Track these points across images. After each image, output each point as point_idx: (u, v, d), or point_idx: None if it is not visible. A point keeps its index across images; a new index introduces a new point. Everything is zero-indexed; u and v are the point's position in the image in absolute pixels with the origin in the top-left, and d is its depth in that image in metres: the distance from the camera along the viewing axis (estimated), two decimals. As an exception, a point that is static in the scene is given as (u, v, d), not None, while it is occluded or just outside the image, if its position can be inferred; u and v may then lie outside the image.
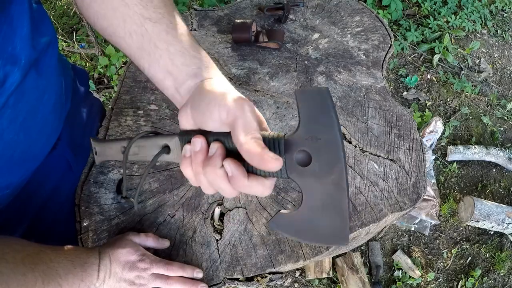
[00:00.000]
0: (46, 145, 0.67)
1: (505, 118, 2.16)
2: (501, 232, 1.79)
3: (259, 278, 0.67)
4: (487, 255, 1.77)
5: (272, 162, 0.37)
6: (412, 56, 2.34)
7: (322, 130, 0.37)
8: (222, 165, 0.41)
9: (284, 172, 0.39)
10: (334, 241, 0.39)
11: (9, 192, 0.62)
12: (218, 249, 0.68)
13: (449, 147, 1.96)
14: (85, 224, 0.70)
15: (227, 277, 0.66)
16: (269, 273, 0.67)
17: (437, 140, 1.97)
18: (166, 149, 0.49)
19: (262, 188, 0.41)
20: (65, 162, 0.74)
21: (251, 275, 0.66)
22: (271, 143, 0.40)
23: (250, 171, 0.41)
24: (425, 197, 1.68)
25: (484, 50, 2.42)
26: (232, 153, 0.42)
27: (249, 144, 0.38)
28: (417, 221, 1.76)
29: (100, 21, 0.53)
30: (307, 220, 0.39)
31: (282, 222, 0.41)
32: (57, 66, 0.65)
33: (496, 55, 2.43)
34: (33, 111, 0.58)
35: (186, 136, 0.46)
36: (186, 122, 0.48)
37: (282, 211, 0.41)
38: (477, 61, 2.38)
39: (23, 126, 0.57)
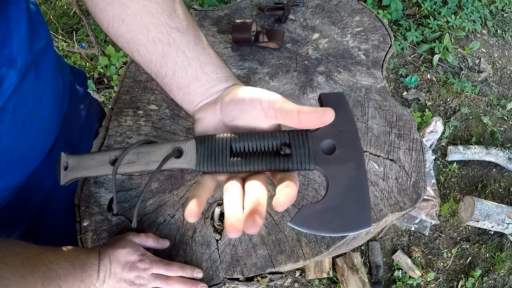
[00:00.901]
0: (44, 147, 0.67)
1: (505, 118, 2.16)
2: (501, 232, 1.79)
3: (259, 278, 0.67)
4: (487, 255, 1.77)
5: (329, 112, 0.41)
6: (412, 56, 2.34)
7: (343, 123, 0.44)
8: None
9: (312, 161, 0.43)
10: (358, 225, 0.41)
11: (7, 194, 0.63)
12: (218, 249, 0.68)
13: (449, 147, 1.96)
14: (85, 224, 0.70)
15: (227, 277, 0.66)
16: (269, 273, 0.67)
17: (437, 140, 1.97)
18: (177, 152, 0.46)
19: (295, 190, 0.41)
20: None
21: (251, 275, 0.66)
22: (299, 135, 0.44)
23: (277, 169, 0.44)
24: (425, 197, 1.68)
25: (484, 50, 2.42)
26: (256, 155, 0.44)
27: (304, 107, 0.41)
28: (417, 221, 1.76)
29: (116, 26, 0.50)
30: (332, 207, 0.41)
31: (306, 215, 0.41)
32: (54, 68, 0.65)
33: (496, 55, 2.43)
34: (32, 116, 0.58)
35: (205, 139, 0.45)
36: (212, 118, 0.48)
37: (306, 206, 0.42)
38: (477, 61, 2.38)
39: (22, 131, 0.57)
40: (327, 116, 0.41)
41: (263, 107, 0.44)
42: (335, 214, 0.41)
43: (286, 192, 0.39)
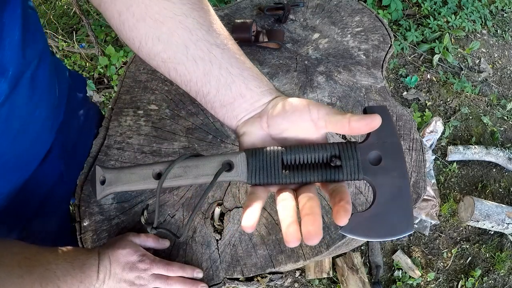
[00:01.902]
0: (40, 152, 0.67)
1: (505, 118, 2.16)
2: (501, 232, 1.79)
3: (259, 278, 0.67)
4: (487, 255, 1.77)
5: (377, 117, 0.43)
6: (412, 56, 2.34)
7: (388, 135, 0.47)
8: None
9: (361, 172, 0.45)
10: (402, 230, 0.44)
11: (4, 196, 0.62)
12: (218, 249, 0.68)
13: (449, 147, 1.96)
14: (85, 224, 0.70)
15: (227, 277, 0.66)
16: (269, 273, 0.67)
17: (437, 140, 1.97)
18: (227, 165, 0.46)
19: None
20: (57, 172, 0.74)
21: (251, 275, 0.66)
22: (348, 147, 0.46)
23: (324, 180, 0.46)
24: (425, 197, 1.68)
25: (484, 50, 2.42)
26: (304, 167, 0.45)
27: (353, 115, 0.43)
28: (417, 221, 1.76)
29: (150, 45, 0.47)
30: (380, 215, 0.44)
31: (355, 223, 0.44)
32: (50, 77, 0.64)
33: (496, 55, 2.43)
34: (25, 125, 0.58)
35: (256, 152, 0.46)
36: (259, 131, 0.47)
37: (355, 214, 0.44)
38: (477, 61, 2.38)
39: (16, 139, 0.57)
40: (375, 122, 0.43)
41: (313, 118, 0.45)
42: (382, 221, 0.44)
43: (345, 207, 0.40)
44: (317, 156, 0.46)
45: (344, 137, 0.78)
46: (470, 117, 2.14)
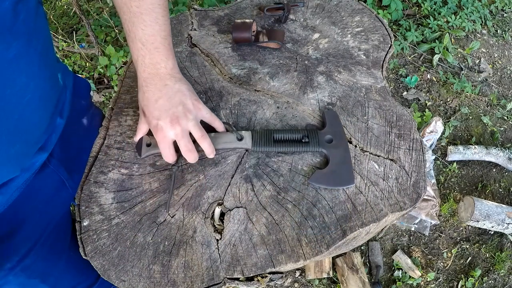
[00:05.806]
0: (37, 139, 0.65)
1: (505, 118, 2.16)
2: (501, 232, 1.79)
3: (259, 278, 0.67)
4: (487, 255, 1.77)
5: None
6: (412, 56, 2.34)
7: (336, 126, 0.77)
8: None
9: (319, 146, 0.74)
10: (347, 182, 0.71)
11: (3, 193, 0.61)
12: (218, 249, 0.68)
13: (449, 147, 1.96)
14: (85, 224, 0.70)
15: (227, 277, 0.66)
16: (270, 273, 0.67)
17: (437, 140, 1.97)
18: (240, 137, 0.73)
19: None
20: (58, 179, 0.73)
21: (252, 275, 0.66)
22: (313, 131, 0.76)
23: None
24: (425, 197, 1.68)
25: (484, 50, 2.43)
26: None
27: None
28: (417, 221, 1.76)
29: None
30: (332, 171, 0.71)
31: (317, 177, 0.71)
32: (50, 66, 0.64)
33: (496, 55, 2.43)
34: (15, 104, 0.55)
35: (257, 131, 0.76)
36: None
37: (318, 170, 0.72)
38: (477, 61, 2.38)
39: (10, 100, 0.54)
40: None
41: None
42: (334, 176, 0.71)
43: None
44: (294, 136, 0.75)
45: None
46: (470, 117, 2.14)
